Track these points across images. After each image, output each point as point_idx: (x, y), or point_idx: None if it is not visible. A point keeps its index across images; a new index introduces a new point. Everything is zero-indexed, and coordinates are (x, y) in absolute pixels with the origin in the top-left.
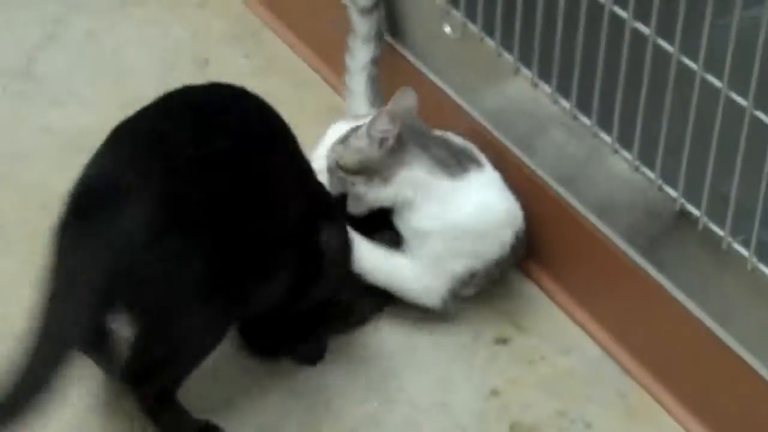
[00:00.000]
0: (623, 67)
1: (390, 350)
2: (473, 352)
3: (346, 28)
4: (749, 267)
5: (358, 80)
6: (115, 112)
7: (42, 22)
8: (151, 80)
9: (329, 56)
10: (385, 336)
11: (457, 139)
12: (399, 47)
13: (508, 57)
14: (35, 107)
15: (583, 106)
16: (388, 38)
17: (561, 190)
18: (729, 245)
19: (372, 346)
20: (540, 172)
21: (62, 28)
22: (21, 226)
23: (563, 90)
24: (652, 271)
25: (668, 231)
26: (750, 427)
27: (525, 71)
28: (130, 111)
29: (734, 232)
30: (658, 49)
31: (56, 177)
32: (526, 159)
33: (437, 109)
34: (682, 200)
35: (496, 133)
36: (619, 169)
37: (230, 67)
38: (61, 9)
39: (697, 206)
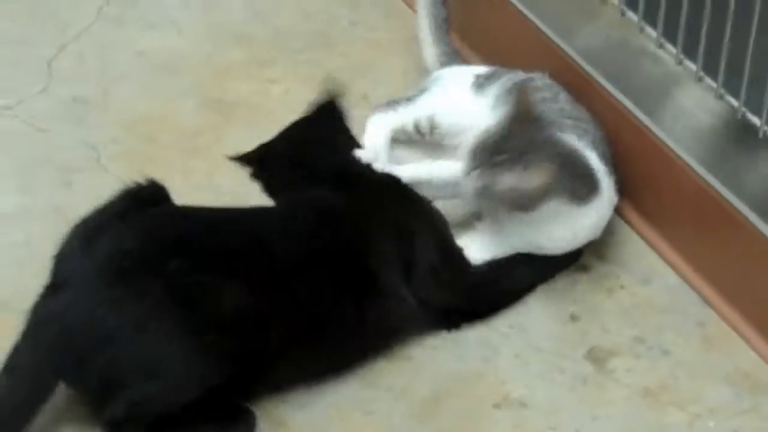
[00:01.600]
0: None
1: None
2: (553, 279)
3: None
4: None
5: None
6: (204, 36)
7: None
8: (240, 6)
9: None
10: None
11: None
12: None
13: None
14: (129, 31)
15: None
16: None
17: (645, 120)
18: None
19: None
20: (627, 102)
21: None
22: (111, 145)
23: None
24: (736, 201)
25: (751, 160)
26: None
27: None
28: (220, 36)
29: None
30: None
31: (146, 98)
32: (613, 90)
33: (525, 40)
34: (766, 128)
35: (586, 67)
36: (704, 97)
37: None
38: None
39: None
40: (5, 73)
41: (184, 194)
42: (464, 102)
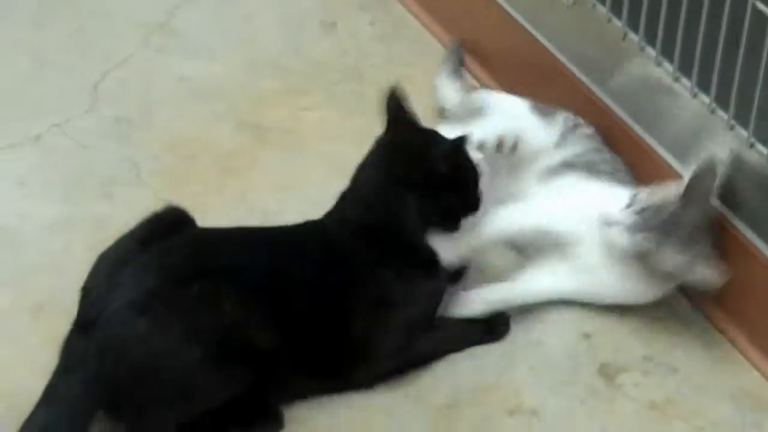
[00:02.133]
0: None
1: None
2: (569, 299)
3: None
4: None
5: None
6: (242, 65)
7: None
8: (278, 40)
9: (451, 25)
10: (493, 272)
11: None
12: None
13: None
14: (172, 58)
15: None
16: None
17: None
18: None
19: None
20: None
21: None
22: (151, 162)
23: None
24: (734, 219)
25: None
26: None
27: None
28: (257, 66)
29: None
30: None
31: (185, 120)
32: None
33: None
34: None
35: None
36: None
37: (356, 32)
38: None
39: None
40: (54, 95)
41: (218, 210)
42: (537, 127)
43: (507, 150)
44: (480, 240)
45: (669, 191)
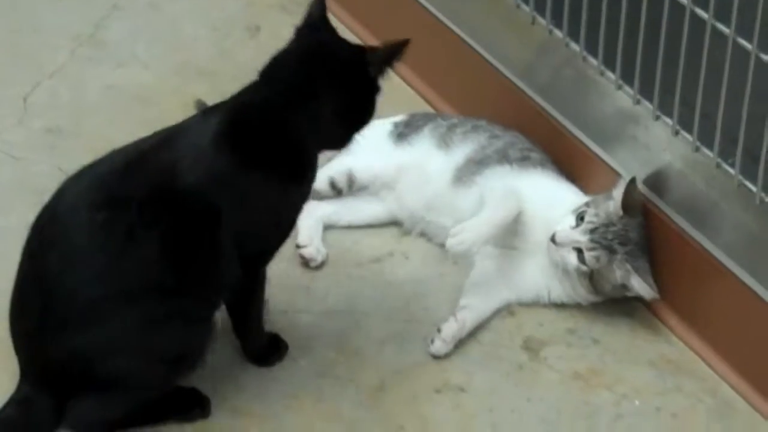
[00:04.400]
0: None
1: (417, 277)
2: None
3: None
4: None
5: None
6: (171, 71)
7: None
8: (206, 46)
9: (375, 24)
10: (413, 264)
11: None
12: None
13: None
14: (101, 68)
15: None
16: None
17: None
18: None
19: (400, 273)
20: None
21: (126, 0)
22: None
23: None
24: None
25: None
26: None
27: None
28: (186, 71)
29: None
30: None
31: (115, 127)
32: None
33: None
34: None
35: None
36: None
37: (280, 34)
38: None
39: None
40: None
41: None
42: (389, 149)
43: (344, 188)
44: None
45: (609, 209)
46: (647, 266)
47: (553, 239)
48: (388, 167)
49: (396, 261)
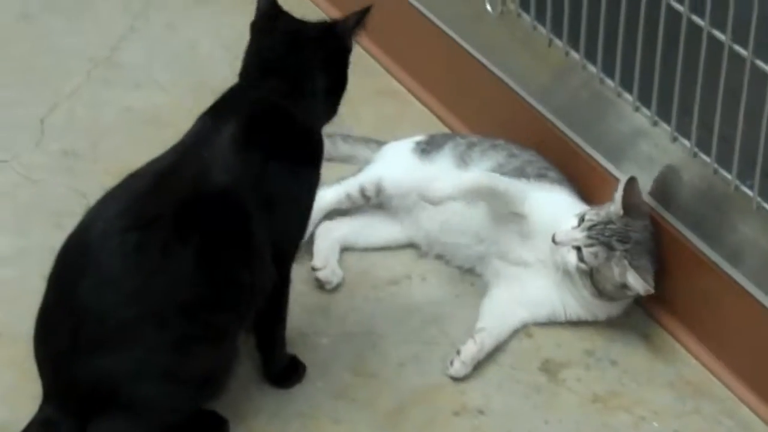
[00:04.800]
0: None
1: (435, 299)
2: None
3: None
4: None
5: None
6: (188, 94)
7: (125, 16)
8: (221, 66)
9: (387, 44)
10: (431, 286)
11: None
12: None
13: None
14: (118, 90)
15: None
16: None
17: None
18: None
19: (417, 295)
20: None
21: (143, 22)
22: (100, 192)
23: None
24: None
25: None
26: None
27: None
28: (201, 92)
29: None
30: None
31: (132, 148)
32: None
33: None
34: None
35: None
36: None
37: None
38: (143, 4)
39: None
40: (2, 130)
41: None
42: (415, 165)
43: (372, 195)
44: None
45: (610, 208)
46: (649, 267)
47: (553, 239)
48: (417, 179)
49: (413, 283)
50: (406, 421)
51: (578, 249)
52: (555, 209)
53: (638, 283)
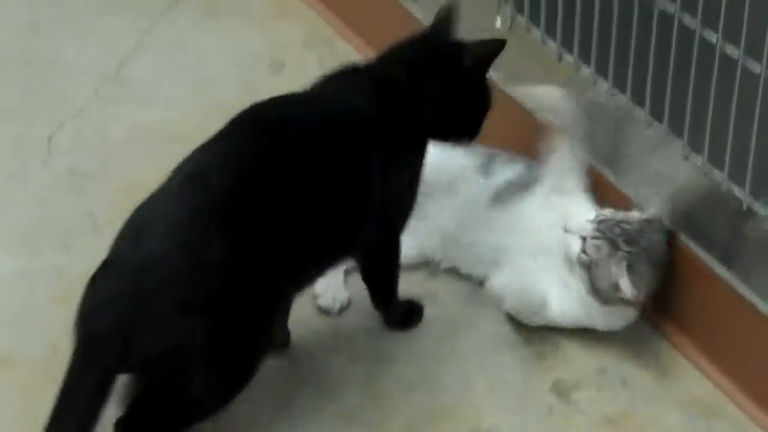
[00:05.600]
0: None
1: (446, 318)
2: (519, 322)
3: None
4: None
5: None
6: (195, 109)
7: (133, 32)
8: (231, 83)
9: None
10: (441, 305)
11: None
12: None
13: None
14: (126, 107)
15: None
16: None
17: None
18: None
19: (429, 314)
20: None
21: (151, 38)
22: (108, 210)
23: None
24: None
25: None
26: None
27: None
28: (211, 110)
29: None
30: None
31: (140, 166)
32: None
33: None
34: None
35: None
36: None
37: (304, 71)
38: (150, 21)
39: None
40: (9, 148)
41: None
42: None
43: None
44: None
45: (633, 214)
46: (648, 277)
47: (564, 227)
48: (445, 168)
49: (424, 302)
50: None
51: (584, 239)
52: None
53: (627, 287)
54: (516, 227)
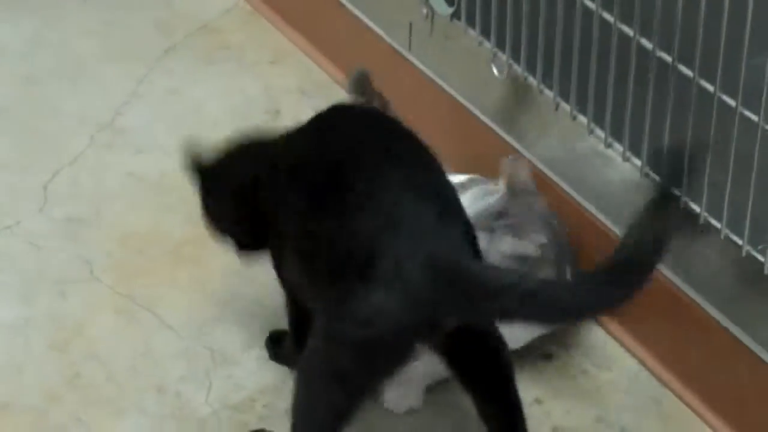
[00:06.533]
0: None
1: None
2: (519, 366)
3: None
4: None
5: None
6: None
7: (128, 81)
8: (227, 130)
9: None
10: None
11: None
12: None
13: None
14: (121, 155)
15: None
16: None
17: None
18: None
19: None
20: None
21: (146, 86)
22: (104, 258)
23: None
24: (684, 287)
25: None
26: None
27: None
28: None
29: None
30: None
31: (135, 214)
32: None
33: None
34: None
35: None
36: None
37: (300, 118)
38: (146, 69)
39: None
40: (4, 197)
41: (174, 300)
42: None
43: None
44: None
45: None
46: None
47: None
48: None
49: None
50: None
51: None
52: None
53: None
54: None
